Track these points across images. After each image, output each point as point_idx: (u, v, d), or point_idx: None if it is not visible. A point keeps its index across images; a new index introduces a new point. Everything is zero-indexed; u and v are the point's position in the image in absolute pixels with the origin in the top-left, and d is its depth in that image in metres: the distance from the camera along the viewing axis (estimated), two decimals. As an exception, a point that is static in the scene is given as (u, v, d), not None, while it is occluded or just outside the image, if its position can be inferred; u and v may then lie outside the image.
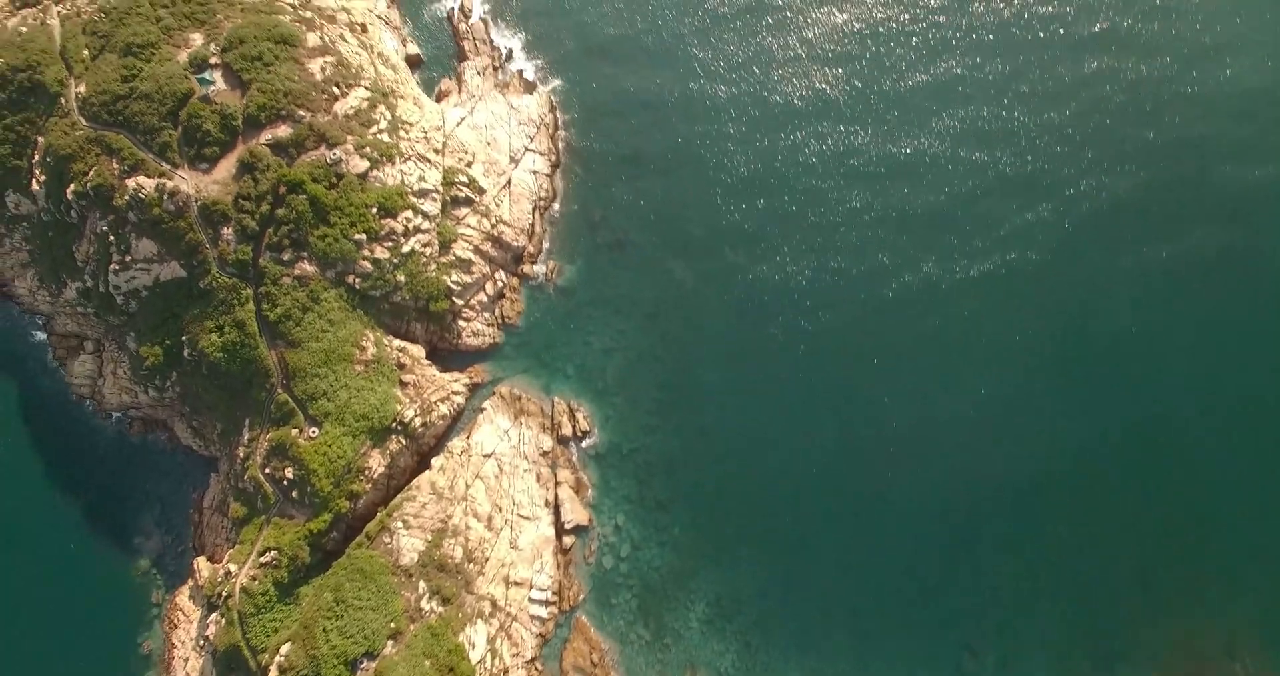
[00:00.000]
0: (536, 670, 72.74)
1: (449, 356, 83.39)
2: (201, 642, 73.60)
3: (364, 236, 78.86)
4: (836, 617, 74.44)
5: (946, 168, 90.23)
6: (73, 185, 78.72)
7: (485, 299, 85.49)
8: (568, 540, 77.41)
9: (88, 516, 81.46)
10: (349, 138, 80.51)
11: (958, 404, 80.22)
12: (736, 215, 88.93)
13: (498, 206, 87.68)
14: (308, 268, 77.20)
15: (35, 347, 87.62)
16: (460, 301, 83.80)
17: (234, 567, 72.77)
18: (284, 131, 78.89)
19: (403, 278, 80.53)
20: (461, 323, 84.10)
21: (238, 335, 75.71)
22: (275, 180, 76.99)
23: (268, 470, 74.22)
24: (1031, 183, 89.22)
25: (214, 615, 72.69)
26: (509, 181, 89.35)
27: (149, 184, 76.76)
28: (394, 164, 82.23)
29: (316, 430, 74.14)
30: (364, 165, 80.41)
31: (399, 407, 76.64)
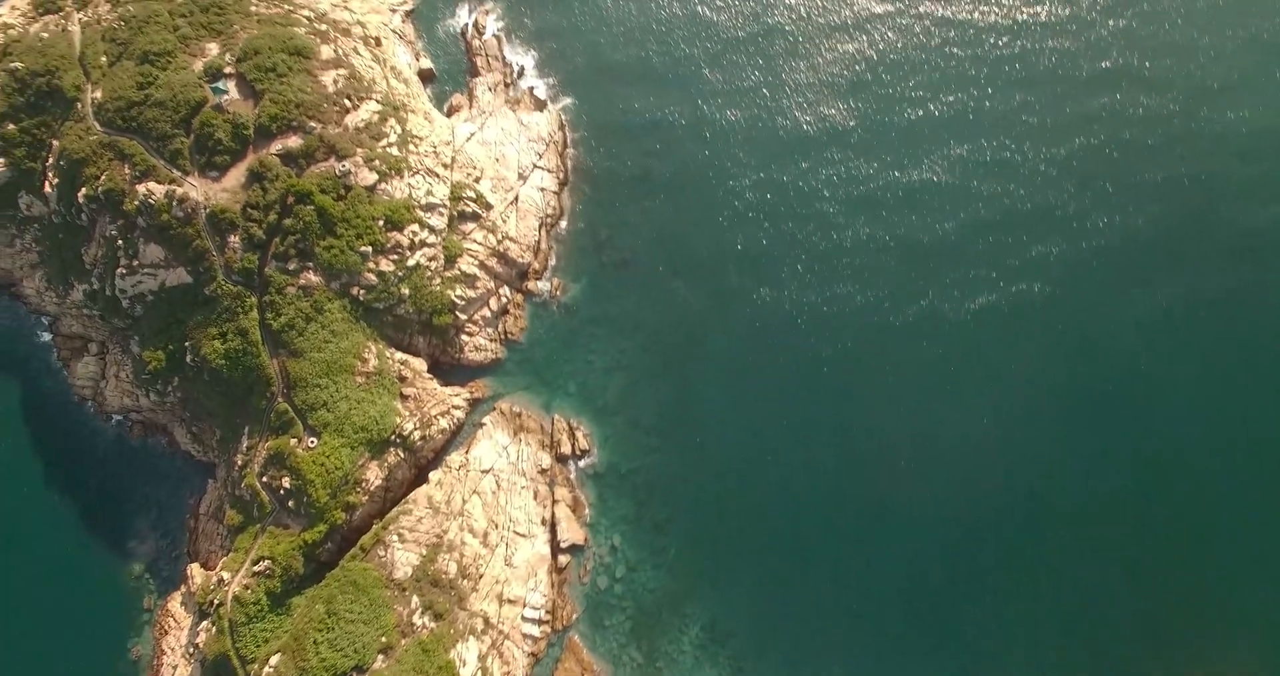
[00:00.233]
0: (527, 689, 72.50)
1: (451, 370, 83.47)
2: (191, 650, 73.25)
3: (370, 249, 79.21)
4: (831, 646, 73.85)
5: (954, 198, 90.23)
6: (84, 189, 79.26)
7: (489, 314, 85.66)
8: (563, 559, 77.15)
9: (84, 517, 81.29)
10: (359, 150, 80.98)
11: (959, 433, 79.88)
12: (742, 238, 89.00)
13: (504, 222, 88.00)
14: (313, 278, 77.47)
15: (40, 348, 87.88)
16: (464, 316, 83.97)
17: (227, 575, 72.61)
18: (294, 142, 79.38)
19: (407, 291, 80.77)
20: (464, 337, 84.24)
21: (240, 343, 75.91)
22: (284, 190, 77.39)
23: (265, 478, 74.21)
24: (1039, 215, 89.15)
25: (205, 623, 72.44)
26: (516, 198, 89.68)
27: (159, 190, 77.27)
28: (402, 177, 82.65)
29: (315, 440, 74.18)
30: (372, 178, 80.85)
31: (398, 420, 76.68)
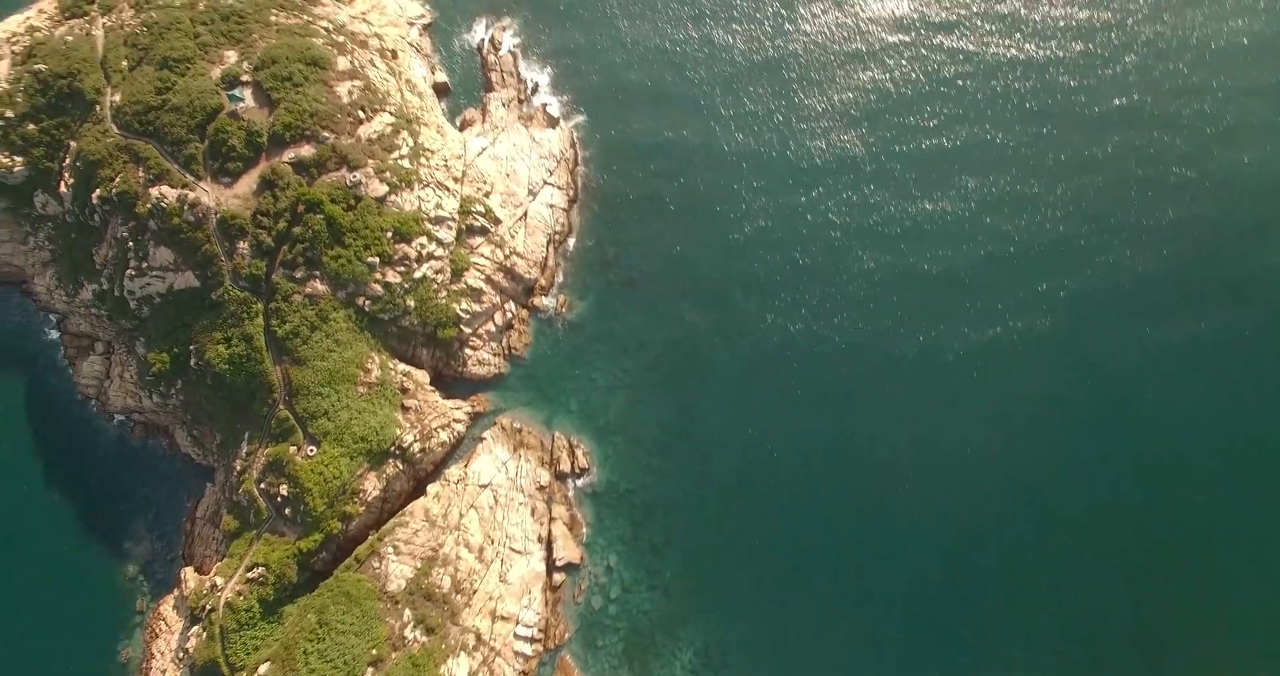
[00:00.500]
0: (516, 708, 71.96)
1: (453, 383, 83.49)
2: (181, 655, 73.05)
3: (377, 259, 79.47)
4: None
5: (963, 230, 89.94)
6: (98, 190, 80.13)
7: (493, 329, 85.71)
8: (558, 577, 76.73)
9: (82, 516, 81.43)
10: (370, 161, 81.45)
11: (961, 463, 79.38)
12: (750, 264, 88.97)
13: (512, 238, 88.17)
14: (319, 287, 77.77)
15: (47, 346, 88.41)
16: (468, 330, 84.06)
17: (220, 581, 72.53)
18: (307, 151, 79.96)
19: (413, 303, 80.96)
20: (468, 351, 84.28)
21: (245, 348, 76.22)
22: (294, 198, 77.98)
23: (263, 485, 74.26)
24: (1047, 251, 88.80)
25: (196, 628, 72.29)
26: (525, 213, 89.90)
27: (171, 194, 77.95)
28: (412, 190, 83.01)
29: (315, 449, 74.23)
30: (383, 189, 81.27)
31: (399, 432, 76.68)
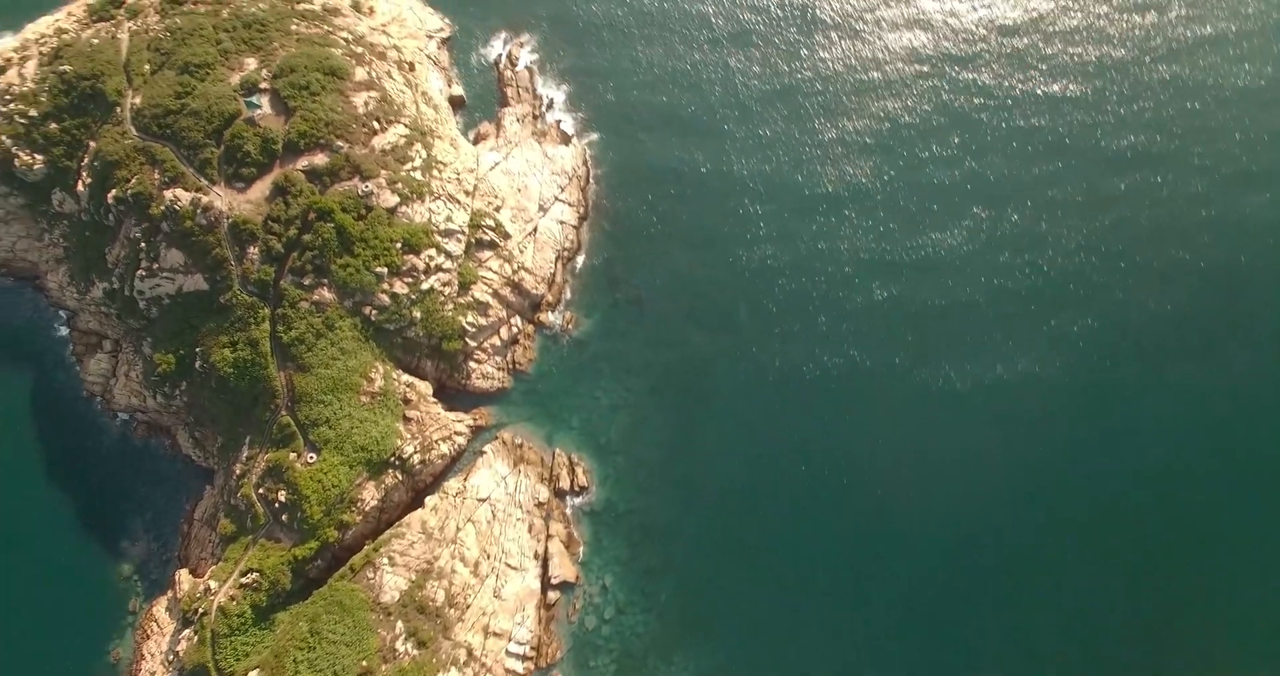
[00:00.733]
0: (504, 726, 71.50)
1: (456, 396, 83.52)
2: (171, 657, 72.88)
3: (385, 270, 79.84)
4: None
5: (972, 266, 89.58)
6: (114, 190, 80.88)
7: (499, 343, 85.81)
8: (552, 595, 76.33)
9: (80, 513, 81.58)
10: (383, 172, 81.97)
11: (964, 497, 78.84)
12: (757, 289, 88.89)
13: (521, 253, 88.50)
14: (327, 295, 78.12)
15: (56, 342, 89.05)
16: (473, 343, 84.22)
17: (214, 584, 72.44)
18: (321, 160, 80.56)
19: (419, 314, 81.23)
20: (472, 364, 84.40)
21: (250, 353, 76.56)
22: (306, 206, 78.48)
23: (261, 490, 74.34)
24: (1058, 290, 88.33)
25: (187, 631, 72.19)
26: (535, 229, 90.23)
27: (185, 197, 78.63)
28: (423, 201, 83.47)
29: (315, 456, 74.34)
30: (394, 200, 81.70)
31: (399, 442, 76.76)
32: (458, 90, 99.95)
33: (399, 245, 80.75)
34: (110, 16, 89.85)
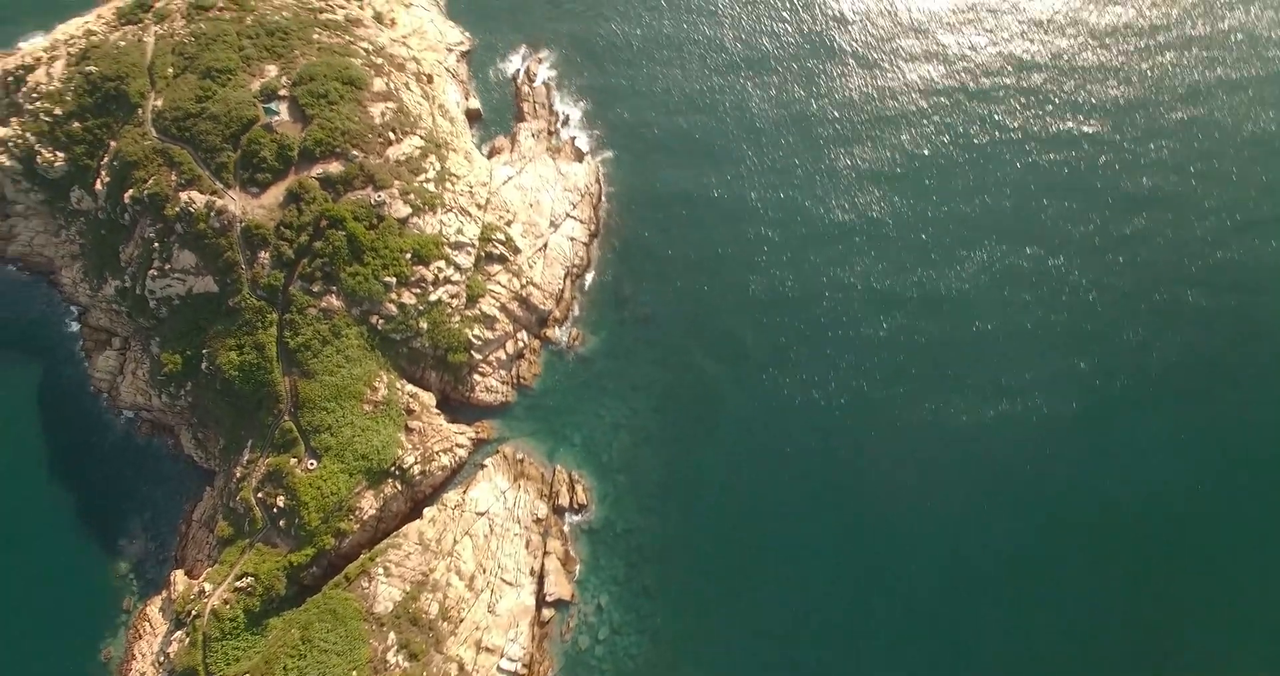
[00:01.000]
0: (492, 743, 71.00)
1: (459, 408, 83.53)
2: (162, 659, 72.78)
3: (394, 280, 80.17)
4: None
5: (981, 301, 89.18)
6: (132, 190, 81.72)
7: (504, 357, 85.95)
8: (547, 613, 75.88)
9: (80, 510, 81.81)
10: (396, 182, 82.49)
11: (963, 530, 78.18)
12: (765, 316, 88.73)
13: (530, 268, 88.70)
14: (334, 302, 78.46)
15: (67, 338, 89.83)
16: (479, 356, 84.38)
17: (209, 587, 72.36)
18: (335, 168, 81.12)
19: (425, 325, 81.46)
20: (477, 377, 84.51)
21: (256, 357, 76.89)
22: (318, 213, 78.98)
23: (260, 495, 74.38)
24: (1068, 329, 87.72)
25: (180, 632, 72.02)
26: (545, 245, 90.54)
27: (200, 199, 79.33)
28: (435, 213, 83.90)
29: (315, 463, 74.40)
30: (406, 211, 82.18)
31: (400, 452, 76.77)
32: (475, 103, 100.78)
33: (409, 256, 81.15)
34: (138, 20, 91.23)
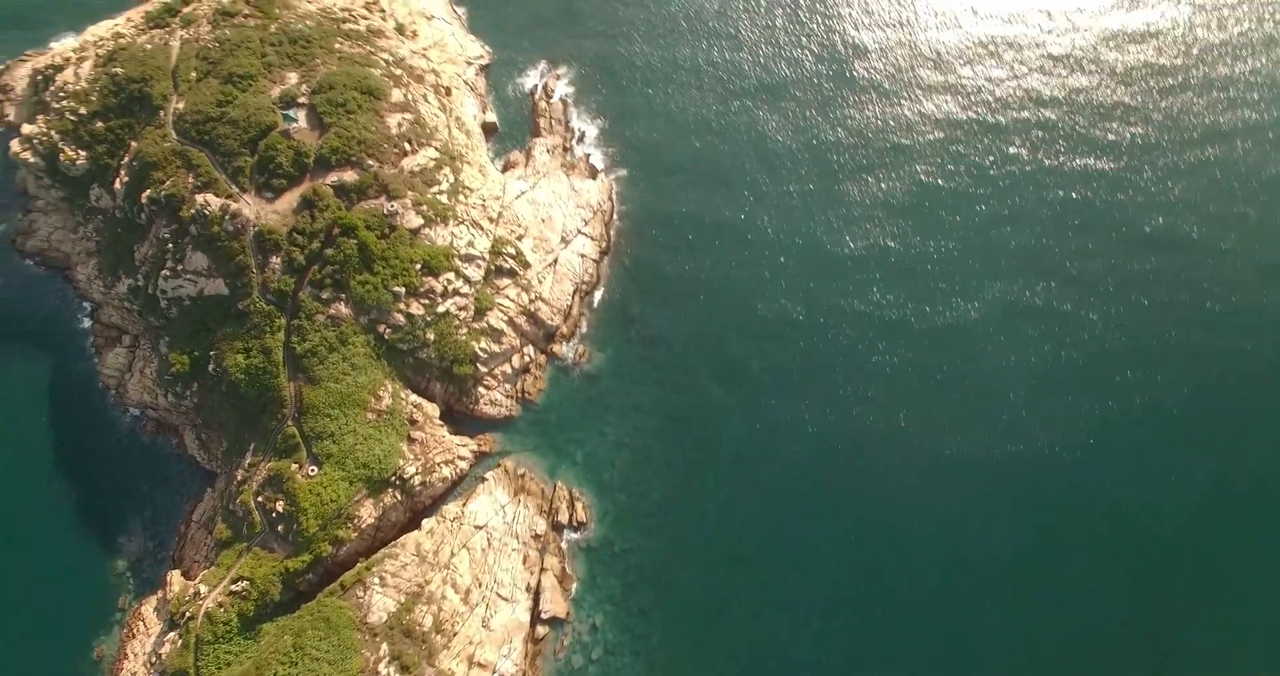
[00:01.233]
0: (479, 760, 70.51)
1: (462, 420, 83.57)
2: (153, 659, 72.68)
3: (403, 290, 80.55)
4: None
5: (989, 338, 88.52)
6: (149, 190, 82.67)
7: (509, 371, 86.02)
8: (541, 630, 75.30)
9: (81, 505, 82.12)
10: (409, 193, 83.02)
11: (963, 562, 77.48)
12: (771, 343, 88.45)
13: (540, 283, 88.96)
14: (343, 309, 78.85)
15: (78, 334, 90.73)
16: (484, 369, 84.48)
17: (204, 589, 72.34)
18: (350, 176, 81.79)
19: (432, 336, 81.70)
20: (481, 389, 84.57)
21: (263, 361, 77.27)
22: (331, 221, 79.59)
23: (260, 498, 74.50)
24: (1076, 367, 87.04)
25: (173, 634, 72.01)
26: (556, 261, 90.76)
27: (215, 202, 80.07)
28: (447, 225, 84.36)
29: (316, 469, 74.54)
30: (418, 221, 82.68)
31: (401, 462, 76.83)
32: (491, 117, 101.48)
33: (419, 266, 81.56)
34: (165, 24, 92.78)
